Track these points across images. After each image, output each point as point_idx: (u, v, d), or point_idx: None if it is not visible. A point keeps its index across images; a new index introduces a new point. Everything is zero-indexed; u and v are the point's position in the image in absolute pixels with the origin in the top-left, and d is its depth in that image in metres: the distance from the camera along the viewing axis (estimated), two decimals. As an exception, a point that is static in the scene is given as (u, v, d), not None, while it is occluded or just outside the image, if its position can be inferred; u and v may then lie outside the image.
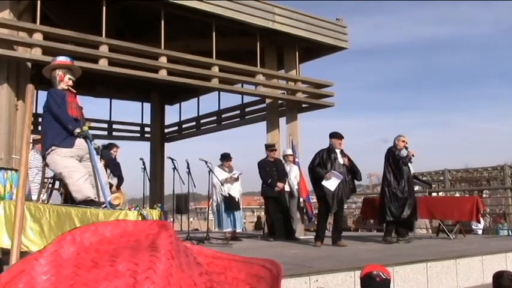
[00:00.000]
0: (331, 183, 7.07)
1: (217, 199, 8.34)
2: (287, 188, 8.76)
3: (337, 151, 7.32)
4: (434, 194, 12.17)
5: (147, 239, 1.25)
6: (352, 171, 7.39)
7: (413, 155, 7.79)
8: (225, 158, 8.52)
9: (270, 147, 8.78)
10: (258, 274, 1.34)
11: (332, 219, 7.92)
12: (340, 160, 7.26)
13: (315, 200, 8.52)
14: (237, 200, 8.34)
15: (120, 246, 1.22)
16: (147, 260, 1.13)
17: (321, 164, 7.23)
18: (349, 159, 7.36)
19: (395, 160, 7.68)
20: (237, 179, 8.35)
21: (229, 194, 8.20)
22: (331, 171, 7.10)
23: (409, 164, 7.75)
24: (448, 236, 8.36)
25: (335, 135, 7.43)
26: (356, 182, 7.75)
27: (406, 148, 7.84)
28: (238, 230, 8.46)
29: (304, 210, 9.34)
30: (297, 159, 9.30)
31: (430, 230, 11.41)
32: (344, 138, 7.46)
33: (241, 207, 8.63)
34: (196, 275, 1.25)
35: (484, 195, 16.50)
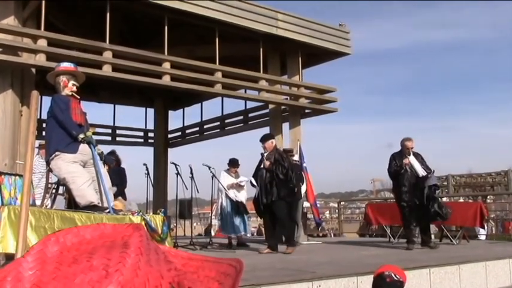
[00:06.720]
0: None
1: (222, 204, 8.34)
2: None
3: (265, 153, 6.88)
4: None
5: (122, 239, 1.46)
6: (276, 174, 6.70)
7: (406, 165, 7.27)
8: (233, 164, 8.54)
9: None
10: (226, 271, 1.61)
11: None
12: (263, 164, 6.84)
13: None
14: (244, 203, 8.39)
15: (98, 246, 1.43)
16: (118, 256, 1.35)
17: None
18: (273, 161, 6.74)
19: (392, 171, 7.40)
20: (242, 187, 8.38)
21: (236, 199, 8.22)
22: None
23: (415, 167, 7.27)
24: (452, 241, 8.33)
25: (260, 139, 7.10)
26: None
27: (408, 155, 7.32)
28: (248, 234, 8.55)
29: (312, 215, 9.34)
30: (304, 164, 9.29)
31: (432, 235, 11.36)
32: (266, 141, 6.93)
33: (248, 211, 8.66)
34: (165, 270, 1.46)
35: (488, 201, 16.44)
